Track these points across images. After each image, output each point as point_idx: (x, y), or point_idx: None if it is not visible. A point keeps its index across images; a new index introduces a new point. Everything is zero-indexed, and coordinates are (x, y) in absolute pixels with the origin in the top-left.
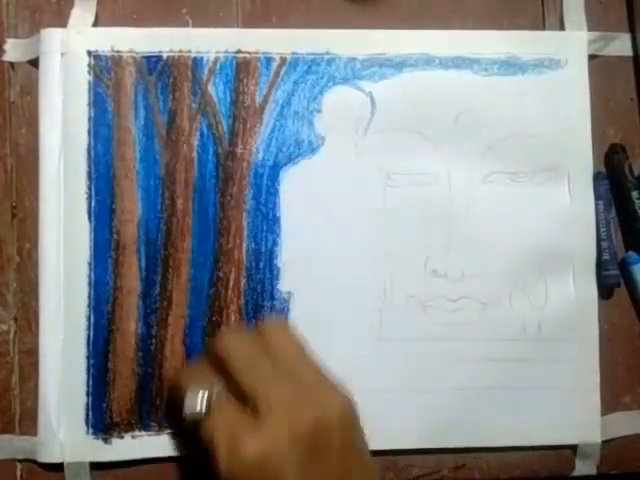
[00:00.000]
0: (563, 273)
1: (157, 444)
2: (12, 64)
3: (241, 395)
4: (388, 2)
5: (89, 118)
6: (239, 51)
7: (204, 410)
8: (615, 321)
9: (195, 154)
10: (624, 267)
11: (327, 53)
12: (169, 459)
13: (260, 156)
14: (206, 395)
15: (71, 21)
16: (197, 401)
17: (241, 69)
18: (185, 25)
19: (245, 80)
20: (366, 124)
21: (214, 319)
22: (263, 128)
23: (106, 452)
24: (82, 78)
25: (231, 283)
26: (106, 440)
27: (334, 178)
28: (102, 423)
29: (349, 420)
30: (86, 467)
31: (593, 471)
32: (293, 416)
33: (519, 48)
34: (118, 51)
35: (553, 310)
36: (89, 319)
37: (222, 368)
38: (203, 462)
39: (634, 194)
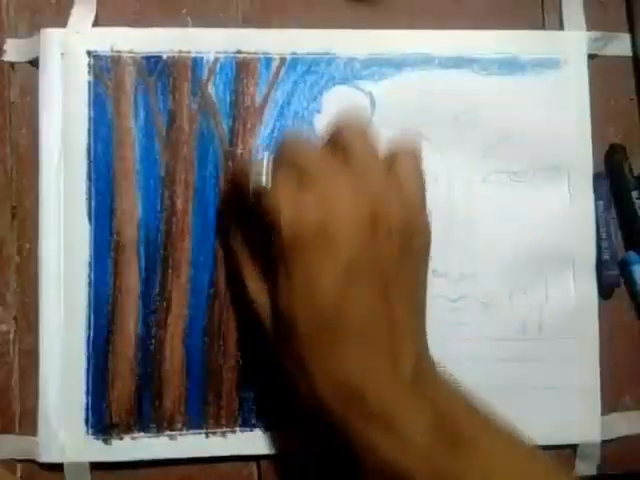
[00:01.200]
0: (563, 273)
1: (157, 445)
2: (12, 64)
3: (302, 171)
4: (388, 2)
5: (89, 118)
6: (239, 51)
7: (269, 179)
8: (615, 321)
9: (195, 154)
10: (624, 267)
11: (327, 53)
12: (169, 461)
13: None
14: (271, 163)
15: (71, 21)
16: (263, 169)
17: (241, 69)
18: (185, 25)
19: (245, 80)
20: None
21: (214, 319)
22: (263, 128)
23: (106, 453)
24: (82, 78)
25: (231, 283)
26: (106, 441)
27: None
28: (102, 424)
29: (412, 214)
30: (86, 467)
31: (593, 471)
32: (357, 194)
33: (519, 48)
34: (118, 51)
35: (553, 310)
36: (89, 319)
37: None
38: None
39: (634, 194)
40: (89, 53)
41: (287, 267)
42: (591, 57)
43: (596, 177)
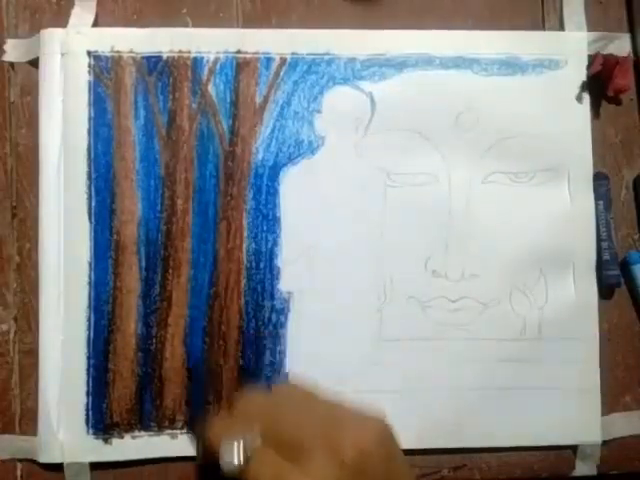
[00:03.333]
0: (563, 273)
1: (157, 444)
2: (12, 64)
3: (276, 446)
4: (388, 2)
5: (89, 118)
6: (239, 51)
7: (242, 461)
8: (615, 321)
9: (195, 154)
10: (625, 267)
11: (327, 53)
12: (169, 459)
13: (260, 156)
14: (242, 445)
15: (71, 21)
16: (234, 452)
17: (241, 69)
18: (185, 25)
19: (245, 80)
20: (366, 124)
21: (214, 319)
22: (263, 128)
23: (106, 452)
24: (82, 78)
25: (231, 283)
26: (106, 440)
27: (334, 178)
28: (102, 423)
29: (388, 440)
30: (86, 467)
31: (593, 471)
32: (333, 450)
33: (519, 48)
34: (118, 51)
35: (553, 310)
36: (89, 319)
37: (251, 423)
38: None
39: None
40: (89, 53)
41: None
42: (591, 57)
43: (596, 177)
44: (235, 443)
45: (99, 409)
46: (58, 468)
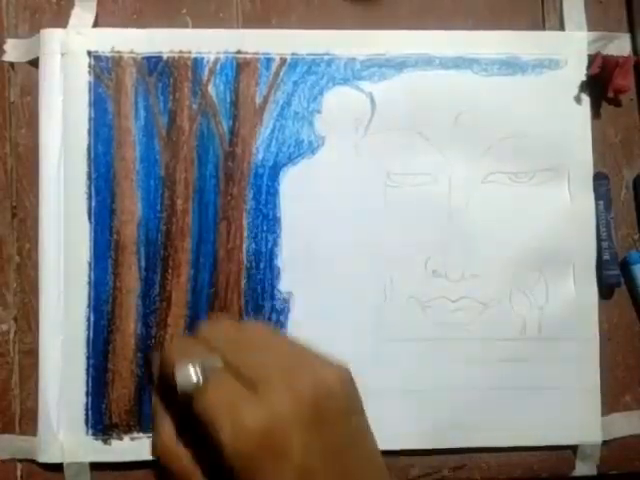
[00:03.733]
0: (563, 273)
1: None
2: (12, 64)
3: (235, 373)
4: (388, 2)
5: (89, 118)
6: (239, 51)
7: (200, 380)
8: (615, 321)
9: (195, 154)
10: (625, 267)
11: (327, 53)
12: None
13: (260, 156)
14: (200, 365)
15: (71, 21)
16: (191, 371)
17: (241, 69)
18: (185, 25)
19: (245, 80)
20: (366, 124)
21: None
22: (263, 128)
23: (105, 453)
24: (82, 78)
25: (231, 283)
26: (105, 441)
27: (334, 178)
28: (101, 424)
29: (348, 385)
30: (86, 467)
31: (593, 471)
32: (292, 384)
33: (519, 48)
34: (118, 52)
35: (553, 310)
36: (89, 319)
37: (213, 347)
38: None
39: None
40: (89, 53)
41: (243, 476)
42: (591, 57)
43: (596, 177)
44: (193, 363)
45: (98, 409)
46: (58, 468)
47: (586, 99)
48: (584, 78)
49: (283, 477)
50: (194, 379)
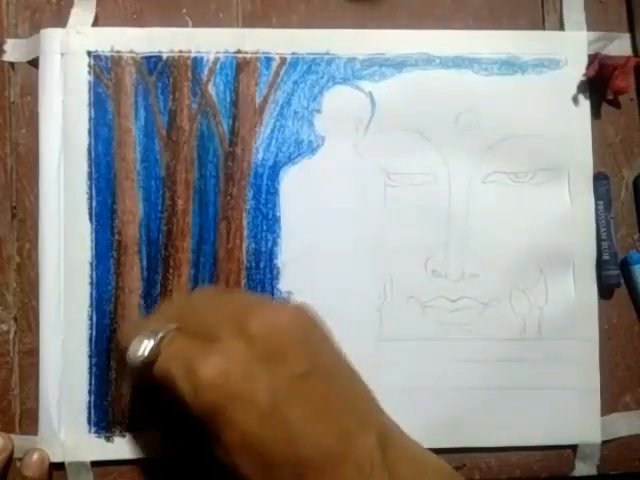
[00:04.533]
0: (563, 273)
1: (159, 443)
2: (12, 64)
3: (188, 334)
4: (388, 2)
5: (89, 118)
6: (239, 51)
7: (146, 353)
8: (615, 321)
9: (195, 154)
10: (625, 267)
11: (327, 53)
12: (171, 458)
13: (260, 156)
14: (153, 340)
15: (71, 21)
16: (141, 345)
17: (241, 69)
18: (185, 25)
19: (245, 80)
20: (366, 124)
21: None
22: (263, 128)
23: (108, 451)
24: (82, 78)
25: (231, 283)
26: (108, 439)
27: (334, 178)
28: (104, 422)
29: (300, 318)
30: (88, 466)
31: (593, 471)
32: (243, 328)
33: (519, 48)
34: (118, 51)
35: (553, 310)
36: (91, 319)
37: (167, 321)
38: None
39: None
40: (89, 53)
41: (214, 436)
42: (591, 57)
43: (596, 177)
44: (145, 338)
45: (101, 408)
46: (59, 467)
47: (586, 99)
48: (584, 78)
49: (253, 419)
50: (145, 348)
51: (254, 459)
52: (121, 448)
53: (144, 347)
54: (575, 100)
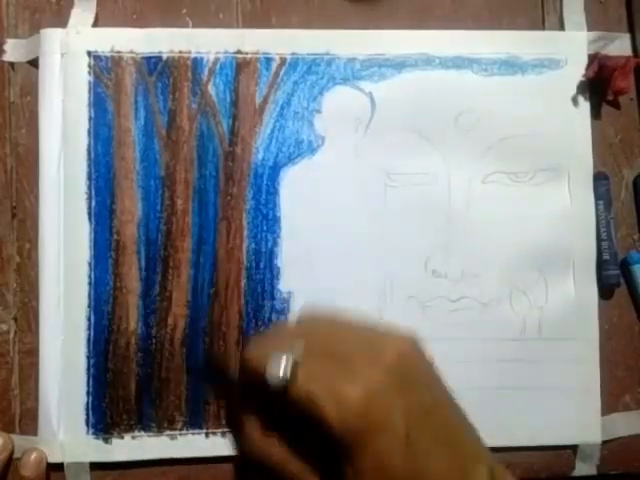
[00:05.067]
0: (563, 273)
1: (157, 445)
2: (12, 64)
3: (320, 356)
4: (388, 2)
5: (89, 118)
6: (239, 51)
7: (288, 372)
8: (615, 321)
9: (195, 154)
10: (625, 267)
11: (327, 53)
12: (169, 460)
13: (260, 156)
14: (288, 358)
15: (71, 21)
16: (281, 364)
17: (241, 69)
18: (185, 25)
19: (245, 80)
20: (366, 124)
21: (214, 319)
22: (263, 128)
23: (106, 452)
24: (82, 78)
25: (231, 283)
26: (106, 440)
27: (334, 178)
28: (102, 423)
29: (421, 349)
30: (86, 467)
31: (593, 471)
32: (378, 357)
33: (519, 48)
34: (118, 51)
35: (553, 310)
36: (89, 319)
37: (292, 339)
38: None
39: None
40: (89, 53)
41: (350, 461)
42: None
43: (596, 177)
44: (283, 355)
45: (99, 409)
46: (58, 468)
47: (586, 99)
48: (584, 78)
49: (392, 447)
50: (283, 372)
51: None
52: (119, 450)
53: (284, 367)
54: (575, 100)
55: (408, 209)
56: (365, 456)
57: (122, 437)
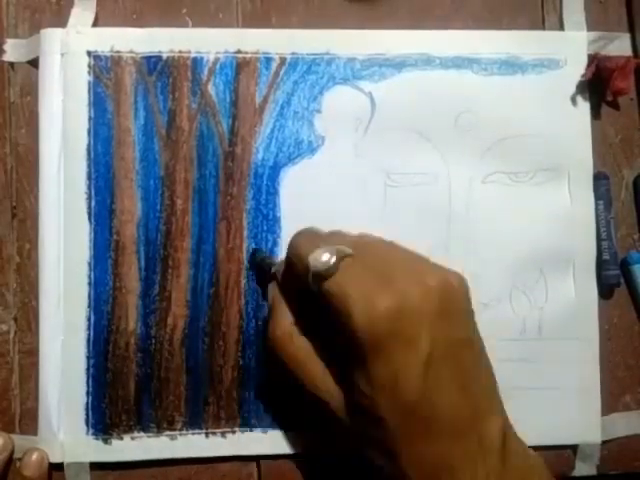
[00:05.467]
0: (563, 273)
1: (156, 446)
2: (12, 64)
3: (365, 265)
4: (388, 2)
5: (89, 118)
6: (239, 51)
7: (333, 262)
8: (615, 321)
9: (195, 154)
10: (625, 267)
11: (327, 53)
12: (169, 461)
13: (260, 156)
14: (332, 252)
15: (71, 21)
16: (325, 253)
17: (241, 69)
18: (185, 25)
19: (245, 80)
20: (366, 124)
21: (214, 319)
22: (263, 128)
23: (106, 453)
24: (82, 78)
25: (231, 283)
26: (106, 440)
27: (334, 178)
28: (102, 423)
29: (467, 289)
30: (86, 467)
31: (593, 471)
32: (421, 279)
33: (519, 48)
34: (118, 51)
35: (553, 310)
36: (89, 319)
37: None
38: None
39: None
40: (89, 53)
41: (366, 366)
42: (591, 57)
43: (596, 177)
44: (327, 252)
45: (99, 409)
46: (58, 468)
47: (586, 99)
48: (583, 79)
49: (410, 363)
50: (327, 260)
51: (395, 401)
52: (119, 450)
53: (327, 256)
54: (575, 100)
55: (408, 209)
56: (381, 362)
57: (122, 438)
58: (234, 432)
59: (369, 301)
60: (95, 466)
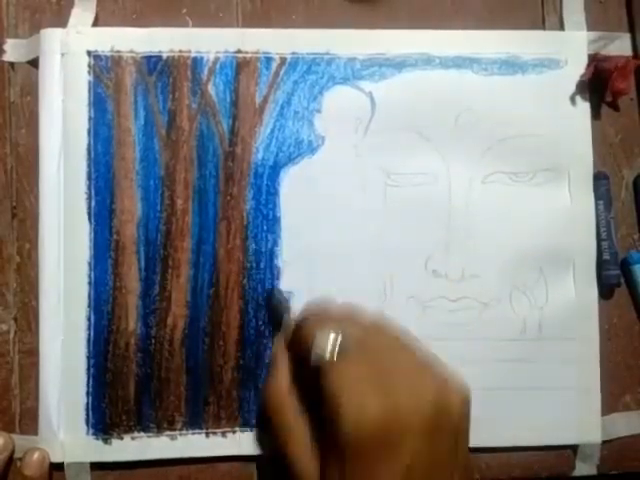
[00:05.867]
0: (563, 273)
1: (156, 445)
2: (12, 64)
3: (367, 360)
4: (388, 2)
5: (89, 118)
6: (239, 51)
7: (334, 354)
8: (615, 321)
9: (195, 154)
10: (625, 267)
11: (327, 53)
12: (169, 461)
13: (260, 156)
14: (339, 338)
15: (71, 21)
16: (330, 343)
17: (241, 69)
18: (185, 25)
19: (245, 80)
20: (366, 124)
21: (214, 319)
22: (263, 128)
23: (106, 452)
24: (82, 78)
25: (231, 283)
26: (106, 440)
27: (334, 178)
28: (102, 423)
29: (465, 406)
30: (87, 467)
31: (593, 471)
32: (418, 390)
33: (519, 48)
34: (118, 51)
35: (553, 310)
36: (89, 319)
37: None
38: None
39: None
40: (89, 53)
41: (344, 465)
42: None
43: (596, 177)
44: (332, 335)
45: (99, 409)
46: (59, 468)
47: (586, 99)
48: (583, 79)
49: (387, 473)
50: (330, 350)
51: None
52: (119, 450)
53: (329, 348)
54: (575, 100)
55: (408, 209)
56: (358, 467)
57: (122, 438)
58: (234, 432)
59: (360, 406)
60: (95, 466)
